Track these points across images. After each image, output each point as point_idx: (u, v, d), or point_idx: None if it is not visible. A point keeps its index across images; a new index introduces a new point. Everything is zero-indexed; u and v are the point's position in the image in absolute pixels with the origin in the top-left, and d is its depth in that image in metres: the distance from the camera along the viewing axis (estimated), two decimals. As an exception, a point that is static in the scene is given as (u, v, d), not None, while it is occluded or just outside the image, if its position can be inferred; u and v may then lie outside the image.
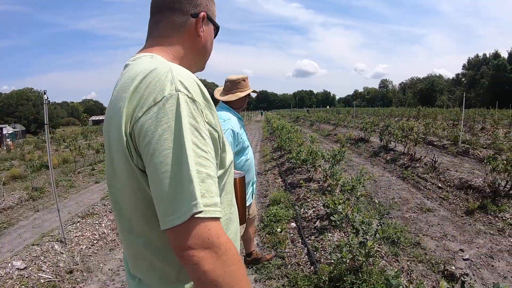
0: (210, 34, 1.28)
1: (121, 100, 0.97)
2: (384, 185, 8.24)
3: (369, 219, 3.68)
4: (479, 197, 6.57)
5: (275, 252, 4.68)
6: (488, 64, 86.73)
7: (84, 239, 5.24)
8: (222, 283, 0.85)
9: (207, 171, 0.90)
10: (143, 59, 1.08)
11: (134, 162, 0.94)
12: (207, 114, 1.00)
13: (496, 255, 4.56)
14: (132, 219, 1.04)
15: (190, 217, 0.84)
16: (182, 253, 0.85)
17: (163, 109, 0.90)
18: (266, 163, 11.68)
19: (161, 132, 0.88)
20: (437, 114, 32.48)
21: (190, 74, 1.03)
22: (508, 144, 11.69)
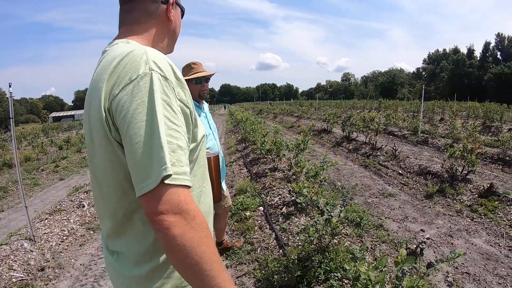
0: (178, 17, 1.39)
1: (100, 81, 1.07)
2: (347, 173, 8.55)
3: (333, 201, 3.85)
4: (438, 182, 6.99)
5: (244, 238, 4.83)
6: (448, 59, 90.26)
7: (54, 236, 5.20)
8: (189, 248, 0.93)
9: (177, 142, 1.00)
10: (120, 45, 1.16)
11: (112, 135, 1.04)
12: (179, 92, 1.10)
13: (455, 234, 4.91)
14: (111, 192, 1.13)
15: (161, 182, 0.92)
16: (154, 217, 0.93)
17: (137, 86, 1.00)
18: (231, 155, 11.78)
19: (136, 107, 0.97)
20: (397, 106, 33.68)
21: (164, 56, 1.13)
22: (465, 133, 12.35)
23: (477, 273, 3.90)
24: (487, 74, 73.72)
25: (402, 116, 18.52)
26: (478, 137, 11.67)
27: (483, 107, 22.49)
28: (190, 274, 0.97)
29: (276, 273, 3.67)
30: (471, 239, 4.74)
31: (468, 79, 79.05)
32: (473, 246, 4.54)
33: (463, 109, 25.01)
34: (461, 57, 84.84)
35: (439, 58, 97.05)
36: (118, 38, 1.25)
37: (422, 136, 12.72)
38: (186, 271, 0.97)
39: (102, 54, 1.20)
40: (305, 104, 53.13)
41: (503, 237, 4.78)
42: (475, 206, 5.73)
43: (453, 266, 4.05)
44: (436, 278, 3.80)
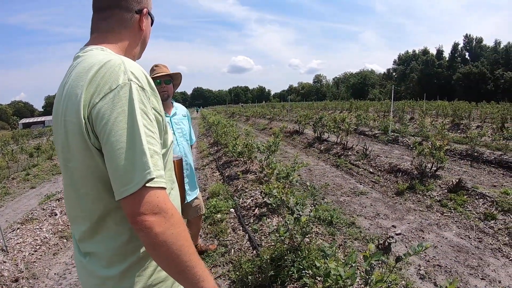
0: (149, 26, 1.47)
1: (77, 88, 1.11)
2: (319, 173, 8.65)
3: (303, 201, 3.90)
4: (408, 179, 7.17)
5: (218, 241, 4.84)
6: (418, 59, 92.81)
7: (26, 246, 5.10)
8: (170, 243, 1.03)
9: (154, 148, 1.08)
10: (94, 52, 1.21)
11: (91, 142, 1.08)
12: (153, 100, 1.18)
13: (426, 228, 5.05)
14: (88, 195, 1.17)
15: (143, 185, 1.00)
16: (136, 218, 1.01)
17: (118, 95, 1.06)
18: (203, 158, 11.74)
19: (116, 115, 1.04)
20: (368, 106, 34.39)
21: (139, 66, 1.19)
22: (434, 131, 12.72)
23: (449, 265, 4.03)
24: (455, 74, 76.24)
25: (373, 116, 18.93)
26: (447, 134, 12.06)
27: (452, 106, 23.19)
28: (172, 267, 1.07)
29: (250, 274, 3.68)
30: (441, 233, 4.88)
31: (437, 79, 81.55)
32: (444, 239, 4.68)
33: (433, 108, 25.78)
34: (431, 57, 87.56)
35: (409, 59, 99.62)
36: (91, 44, 1.29)
37: (393, 135, 13.05)
38: (168, 264, 1.07)
39: (75, 60, 1.24)
40: (277, 106, 53.56)
41: (472, 229, 4.94)
42: (444, 201, 5.91)
43: (425, 259, 4.16)
44: (409, 272, 3.89)
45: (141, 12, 1.36)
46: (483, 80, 69.58)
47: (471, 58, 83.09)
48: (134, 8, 1.34)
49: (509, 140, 10.25)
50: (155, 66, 3.48)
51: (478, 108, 25.07)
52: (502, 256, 4.21)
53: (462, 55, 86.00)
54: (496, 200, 5.47)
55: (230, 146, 8.91)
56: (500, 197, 5.55)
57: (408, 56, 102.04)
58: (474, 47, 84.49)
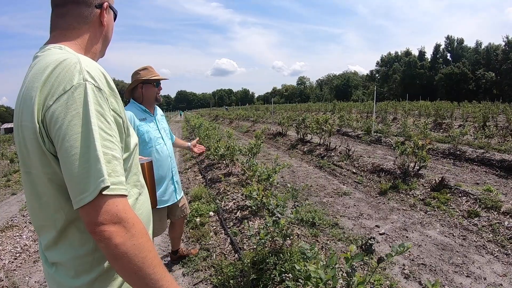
0: (111, 21, 1.40)
1: (32, 90, 1.05)
2: (302, 175, 8.61)
3: (284, 203, 3.84)
4: (391, 179, 7.18)
5: (199, 245, 4.75)
6: (400, 61, 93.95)
7: (6, 253, 5.04)
8: (132, 255, 0.98)
9: (112, 152, 1.03)
10: (52, 51, 1.15)
11: (46, 147, 1.03)
12: (112, 102, 1.12)
13: (410, 227, 5.03)
14: (50, 204, 1.12)
15: (99, 194, 0.96)
16: (94, 229, 0.96)
17: (72, 97, 1.00)
18: (186, 162, 11.60)
19: (70, 118, 0.98)
20: (351, 107, 34.63)
21: (97, 65, 1.14)
22: (417, 131, 12.82)
23: (433, 263, 4.00)
24: (437, 74, 77.62)
25: (356, 117, 19.06)
26: (429, 134, 12.17)
27: (434, 106, 23.48)
28: (135, 279, 1.01)
29: (232, 278, 3.63)
30: (425, 231, 4.86)
31: (420, 80, 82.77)
32: (428, 238, 4.66)
33: (415, 108, 26.07)
34: (413, 59, 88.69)
35: (391, 61, 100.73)
36: (50, 43, 1.23)
37: (376, 135, 13.12)
38: (130, 277, 1.01)
39: (34, 60, 1.18)
40: (260, 108, 53.65)
41: (456, 227, 4.94)
42: (428, 200, 5.91)
43: (409, 258, 4.13)
44: (393, 272, 3.85)
45: (101, 6, 1.30)
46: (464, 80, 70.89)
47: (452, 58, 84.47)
48: (94, 2, 1.28)
49: (490, 138, 10.38)
50: (149, 67, 3.41)
51: (460, 107, 25.47)
52: (486, 253, 4.21)
53: (444, 56, 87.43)
54: (479, 197, 5.49)
55: (212, 149, 8.83)
56: (483, 194, 5.57)
57: (391, 57, 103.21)
58: (455, 48, 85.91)
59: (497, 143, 10.49)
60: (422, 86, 79.59)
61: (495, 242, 4.46)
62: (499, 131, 11.58)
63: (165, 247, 4.79)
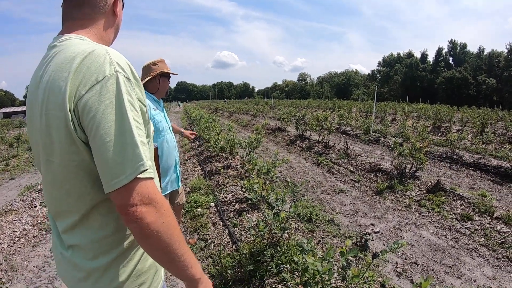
0: (121, 11, 1.44)
1: (61, 80, 1.07)
2: (300, 171, 8.70)
3: (283, 197, 3.91)
4: (388, 179, 7.27)
5: (198, 235, 4.83)
6: (402, 62, 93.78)
7: (5, 238, 5.02)
8: (161, 232, 1.05)
9: (141, 139, 1.08)
10: (73, 41, 1.17)
11: (77, 135, 1.06)
12: (137, 91, 1.16)
13: (404, 227, 5.13)
14: (73, 191, 1.16)
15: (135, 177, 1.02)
16: (127, 210, 1.02)
17: (105, 87, 1.04)
18: (185, 153, 11.64)
19: (105, 107, 1.02)
20: (351, 106, 34.63)
21: (123, 57, 1.17)
22: (415, 133, 12.91)
23: (425, 263, 4.10)
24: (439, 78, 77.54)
25: (355, 116, 19.11)
26: (428, 136, 12.24)
27: (434, 109, 23.55)
28: (163, 255, 1.10)
29: (229, 268, 3.70)
30: (419, 232, 4.96)
31: (421, 82, 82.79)
32: (421, 239, 4.76)
33: (415, 110, 26.16)
34: (415, 61, 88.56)
35: (393, 61, 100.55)
36: (67, 33, 1.24)
37: (374, 135, 13.21)
38: (159, 253, 1.09)
39: (51, 49, 1.19)
40: (260, 103, 53.54)
41: (449, 229, 5.04)
42: (423, 201, 6.01)
43: (402, 257, 4.23)
44: (386, 269, 3.95)
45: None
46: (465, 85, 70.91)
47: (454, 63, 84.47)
48: None
49: (488, 144, 10.48)
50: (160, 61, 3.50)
51: (460, 112, 25.51)
52: (477, 256, 4.31)
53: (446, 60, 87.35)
54: (473, 201, 5.59)
55: (212, 141, 8.88)
56: (477, 199, 5.67)
57: (393, 58, 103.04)
58: (458, 52, 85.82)
59: (494, 149, 10.59)
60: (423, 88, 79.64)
61: (487, 246, 4.56)
62: (496, 138, 11.69)
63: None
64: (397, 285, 3.65)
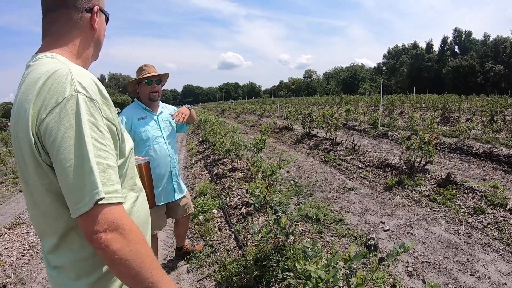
0: (102, 24, 1.40)
1: (26, 102, 1.07)
2: (308, 170, 8.57)
3: (287, 200, 3.82)
4: (397, 174, 7.12)
5: (204, 241, 4.77)
6: (407, 53, 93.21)
7: (14, 250, 5.06)
8: (130, 260, 1.01)
9: (106, 162, 1.06)
10: (44, 60, 1.16)
11: (42, 159, 1.06)
12: (105, 110, 1.14)
13: (415, 224, 4.99)
14: (49, 212, 1.15)
15: (94, 204, 0.99)
16: (92, 237, 0.99)
17: (64, 109, 1.02)
18: (192, 157, 11.62)
19: (64, 131, 1.01)
20: (358, 100, 34.35)
21: (89, 74, 1.16)
22: (424, 125, 12.71)
23: (437, 261, 3.96)
24: (445, 67, 76.96)
25: (362, 111, 18.93)
26: (436, 128, 12.04)
27: (442, 99, 23.26)
28: (133, 283, 1.05)
29: (235, 275, 3.63)
30: (430, 228, 4.82)
31: (427, 73, 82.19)
32: (432, 235, 4.62)
33: (423, 101, 25.89)
34: (420, 51, 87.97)
35: (398, 53, 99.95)
36: (42, 51, 1.24)
37: (382, 129, 13.04)
38: (129, 281, 1.05)
39: (27, 69, 1.19)
40: (267, 102, 53.44)
41: (462, 224, 4.90)
42: (433, 196, 5.86)
43: (413, 255, 4.10)
44: (396, 269, 3.82)
45: (91, 10, 1.30)
46: (472, 73, 70.25)
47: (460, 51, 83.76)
48: (84, 6, 1.28)
49: (498, 133, 10.27)
50: (144, 66, 3.45)
51: (468, 101, 25.23)
52: (491, 251, 4.16)
53: (452, 49, 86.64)
54: (485, 194, 5.43)
55: (218, 144, 8.82)
56: (490, 191, 5.51)
57: (398, 50, 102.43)
58: (463, 40, 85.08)
59: (505, 137, 10.39)
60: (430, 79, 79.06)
61: (501, 240, 4.41)
62: (507, 126, 11.45)
63: (170, 243, 4.81)
64: (408, 285, 3.53)
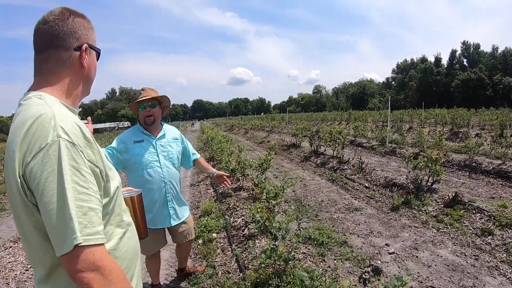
0: (93, 61, 1.44)
1: (14, 144, 1.13)
2: (314, 189, 8.50)
3: (286, 225, 3.77)
4: (404, 194, 7.02)
5: (206, 262, 4.73)
6: (416, 68, 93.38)
7: (18, 264, 5.12)
8: None
9: (88, 205, 1.11)
10: (33, 101, 1.22)
11: (28, 199, 1.12)
12: (88, 153, 1.19)
13: (421, 246, 4.89)
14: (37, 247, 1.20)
15: (74, 246, 1.04)
16: (74, 275, 1.05)
17: (47, 155, 1.08)
18: (199, 174, 11.57)
19: (47, 175, 1.07)
20: (367, 116, 34.23)
21: (72, 118, 1.22)
22: (432, 140, 12.59)
23: (443, 285, 3.86)
24: (454, 81, 76.73)
25: (371, 128, 18.84)
26: (445, 144, 11.92)
27: (451, 114, 23.08)
28: None
29: (235, 298, 3.57)
30: (436, 251, 4.72)
31: (436, 87, 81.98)
32: (438, 258, 4.52)
33: (431, 116, 25.67)
34: (429, 65, 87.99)
35: (407, 68, 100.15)
36: (33, 89, 1.30)
37: (390, 146, 12.94)
38: None
39: (19, 107, 1.26)
40: (276, 117, 53.46)
41: (469, 246, 4.79)
42: (440, 216, 5.75)
43: (418, 280, 4.00)
44: (400, 295, 3.72)
45: (80, 48, 1.34)
46: (481, 86, 69.98)
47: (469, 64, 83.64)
48: (72, 45, 1.32)
49: (508, 148, 10.11)
50: (142, 90, 3.46)
51: (478, 114, 24.99)
52: (498, 275, 4.05)
53: (460, 62, 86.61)
54: (493, 214, 5.33)
55: (224, 163, 8.81)
56: (498, 211, 5.41)
57: (407, 64, 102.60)
58: (472, 53, 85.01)
59: (515, 153, 10.23)
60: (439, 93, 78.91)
61: (509, 262, 4.29)
62: (516, 141, 11.27)
63: (173, 263, 4.78)
64: (413, 313, 3.44)
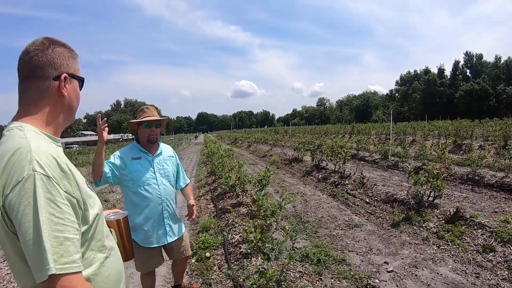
0: (74, 90, 1.46)
1: None
2: (314, 204, 8.40)
3: (279, 246, 3.71)
4: (405, 209, 6.91)
5: (202, 279, 4.68)
6: (420, 79, 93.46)
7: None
8: None
9: (64, 235, 1.15)
10: (14, 132, 1.27)
11: (9, 228, 1.18)
12: (64, 184, 1.23)
13: (420, 264, 4.78)
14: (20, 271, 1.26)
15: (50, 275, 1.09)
16: None
17: (23, 188, 1.13)
18: (200, 188, 11.52)
19: (23, 208, 1.12)
20: (370, 129, 34.14)
21: (48, 150, 1.24)
22: (435, 154, 12.48)
23: (442, 307, 3.75)
24: (458, 91, 76.74)
25: (373, 141, 18.74)
26: (448, 157, 11.81)
27: (454, 125, 22.97)
28: None
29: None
30: (437, 268, 4.61)
31: (440, 98, 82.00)
32: (438, 276, 4.41)
33: (435, 128, 25.56)
34: (432, 77, 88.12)
35: (411, 79, 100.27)
36: (15, 119, 1.34)
37: (393, 160, 12.86)
38: None
39: (2, 138, 1.30)
40: (280, 131, 53.43)
41: (470, 263, 4.68)
42: (441, 233, 5.65)
43: (417, 301, 3.89)
44: (399, 317, 3.63)
45: (59, 78, 1.36)
46: (485, 96, 69.92)
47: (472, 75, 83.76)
48: (51, 75, 1.34)
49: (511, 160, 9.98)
50: (145, 108, 3.51)
51: (481, 125, 24.88)
52: (500, 294, 3.94)
53: (464, 73, 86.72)
54: (495, 230, 5.22)
55: (223, 178, 8.76)
56: (500, 226, 5.30)
57: (410, 76, 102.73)
58: (475, 63, 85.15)
59: (518, 165, 10.10)
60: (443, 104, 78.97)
61: (510, 280, 4.17)
62: (520, 152, 11.14)
63: (169, 279, 4.74)
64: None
